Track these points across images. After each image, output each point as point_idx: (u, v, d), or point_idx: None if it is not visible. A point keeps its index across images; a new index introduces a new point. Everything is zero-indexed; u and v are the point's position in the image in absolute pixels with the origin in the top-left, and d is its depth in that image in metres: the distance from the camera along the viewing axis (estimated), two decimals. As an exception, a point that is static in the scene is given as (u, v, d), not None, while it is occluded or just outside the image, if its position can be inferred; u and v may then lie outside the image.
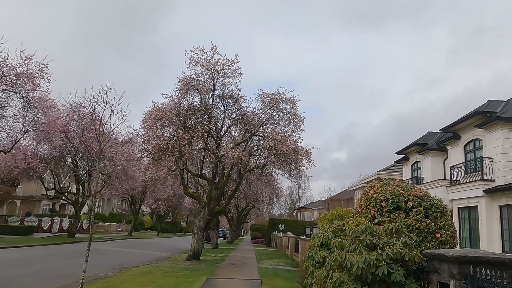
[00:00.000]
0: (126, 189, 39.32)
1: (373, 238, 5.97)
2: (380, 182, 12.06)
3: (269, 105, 18.77)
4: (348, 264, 5.53)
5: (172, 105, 17.06)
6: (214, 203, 18.74)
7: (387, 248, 5.52)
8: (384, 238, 6.03)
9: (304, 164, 17.84)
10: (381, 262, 5.32)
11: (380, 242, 5.84)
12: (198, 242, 18.96)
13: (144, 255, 21.28)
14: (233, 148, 17.05)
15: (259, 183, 26.98)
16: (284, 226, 45.04)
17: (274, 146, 16.69)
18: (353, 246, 6.08)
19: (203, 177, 18.96)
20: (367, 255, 5.45)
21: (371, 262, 5.35)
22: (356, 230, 6.25)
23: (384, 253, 5.39)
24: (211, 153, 17.24)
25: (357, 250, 5.79)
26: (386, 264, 5.33)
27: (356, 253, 5.72)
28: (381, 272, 5.24)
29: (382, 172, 33.17)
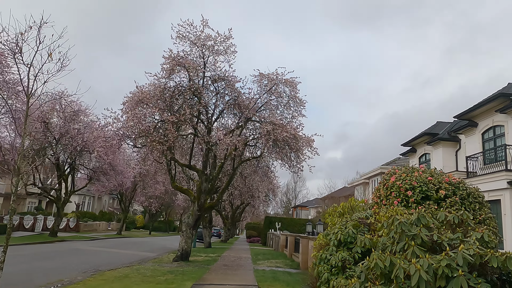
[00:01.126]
0: (115, 185, 37.24)
1: (431, 233, 3.96)
2: (401, 168, 10.08)
3: (266, 87, 16.74)
4: (399, 274, 3.52)
5: (157, 85, 14.96)
6: (205, 197, 16.68)
7: (461, 248, 3.51)
8: (448, 233, 4.02)
9: (305, 153, 15.81)
10: (456, 271, 3.33)
11: (444, 239, 3.84)
12: (187, 241, 16.89)
13: (127, 256, 19.18)
14: (227, 135, 14.98)
15: (255, 176, 24.95)
16: (281, 224, 43.06)
17: (272, 131, 14.63)
18: (399, 245, 4.06)
19: (192, 168, 16.86)
20: (429, 259, 3.45)
21: (438, 270, 3.36)
22: (403, 221, 4.20)
23: (459, 257, 3.38)
24: (200, 139, 15.10)
25: (408, 251, 3.79)
26: (462, 274, 3.33)
27: (407, 256, 3.72)
28: (457, 286, 3.24)
29: (385, 166, 31.25)
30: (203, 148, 15.95)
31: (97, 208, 68.89)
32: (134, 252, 21.67)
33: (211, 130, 15.36)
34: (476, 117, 18.48)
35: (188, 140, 17.86)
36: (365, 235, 5.73)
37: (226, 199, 42.46)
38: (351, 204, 9.92)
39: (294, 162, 16.18)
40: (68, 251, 19.73)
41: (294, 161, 16.17)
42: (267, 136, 14.68)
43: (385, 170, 31.25)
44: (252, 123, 18.95)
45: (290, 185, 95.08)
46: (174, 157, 16.21)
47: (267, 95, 16.82)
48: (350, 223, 6.60)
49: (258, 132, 16.42)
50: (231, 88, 16.32)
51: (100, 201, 72.07)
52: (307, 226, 17.31)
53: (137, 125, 13.62)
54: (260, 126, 16.42)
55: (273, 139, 14.68)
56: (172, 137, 13.67)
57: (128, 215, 68.89)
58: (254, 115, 16.11)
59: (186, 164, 16.83)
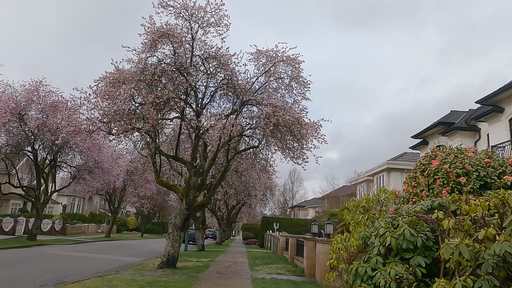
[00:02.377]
0: (102, 184, 34.77)
1: None
2: (443, 148, 7.85)
3: (265, 67, 14.46)
4: None
5: (137, 62, 12.61)
6: (194, 194, 14.34)
7: None
8: None
9: (311, 141, 13.52)
10: None
11: None
12: (174, 245, 14.55)
13: (107, 262, 16.81)
14: (219, 120, 12.65)
15: (252, 172, 22.66)
16: (279, 225, 40.77)
17: (273, 115, 12.33)
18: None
19: (178, 159, 14.49)
20: None
21: None
22: None
23: None
24: (187, 124, 12.69)
25: None
26: None
27: None
28: None
29: (391, 161, 29.09)
30: (191, 135, 13.63)
31: (88, 210, 66.26)
32: (116, 257, 19.28)
33: (200, 114, 12.97)
34: (502, 102, 16.31)
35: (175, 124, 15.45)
36: (460, 238, 3.46)
37: (221, 198, 40.15)
38: (378, 196, 7.67)
39: (298, 152, 13.86)
40: (39, 257, 17.32)
41: (297, 151, 13.86)
42: (267, 120, 12.37)
43: (392, 166, 29.10)
44: (248, 110, 16.68)
45: (287, 185, 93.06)
46: (158, 147, 13.86)
47: (265, 77, 14.52)
48: (404, 221, 4.29)
49: (257, 116, 14.11)
50: (225, 68, 14.00)
51: (91, 202, 69.44)
52: (313, 226, 15.04)
53: (111, 106, 11.32)
54: (258, 111, 14.13)
55: (273, 123, 12.36)
56: (152, 120, 11.30)
57: (120, 217, 66.44)
58: (250, 98, 13.80)
59: (171, 155, 14.49)
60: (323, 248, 12.24)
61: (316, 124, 13.30)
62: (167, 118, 13.30)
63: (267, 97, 13.58)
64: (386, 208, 7.83)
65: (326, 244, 12.24)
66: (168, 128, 17.16)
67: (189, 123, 12.30)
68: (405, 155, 30.37)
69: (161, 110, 12.73)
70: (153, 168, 15.80)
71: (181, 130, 14.02)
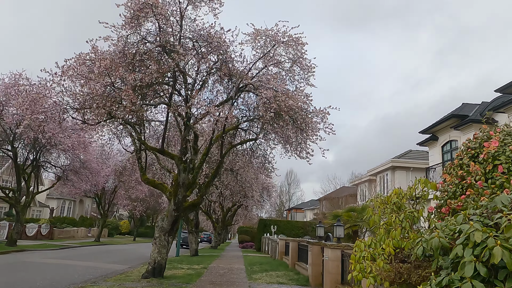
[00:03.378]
0: (90, 186, 32.88)
1: None
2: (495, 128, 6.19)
3: (263, 49, 12.77)
4: None
5: (116, 40, 10.86)
6: (184, 193, 12.57)
7: None
8: None
9: (316, 131, 11.80)
10: None
11: None
12: (161, 251, 12.77)
13: (87, 270, 14.99)
14: (214, 108, 10.87)
15: (249, 170, 20.90)
16: (277, 227, 38.98)
17: (274, 99, 10.61)
18: None
19: (164, 153, 12.68)
20: None
21: None
22: None
23: None
24: (174, 111, 10.85)
25: None
26: None
27: None
28: None
29: (396, 159, 27.49)
30: (180, 125, 11.88)
31: (79, 213, 64.16)
32: (99, 265, 17.44)
33: (189, 99, 11.16)
34: (526, 89, 14.73)
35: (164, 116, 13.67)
36: None
37: (216, 200, 38.36)
38: (412, 190, 5.98)
39: (302, 144, 12.12)
40: (10, 266, 15.46)
41: (302, 143, 12.11)
42: (267, 105, 10.64)
43: (397, 164, 27.50)
44: (244, 101, 14.98)
45: (283, 186, 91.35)
46: (141, 139, 12.08)
47: (263, 61, 12.81)
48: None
49: (254, 105, 12.42)
50: (218, 51, 12.25)
51: (82, 205, 67.33)
52: (318, 228, 13.33)
53: (82, 87, 9.57)
54: (256, 98, 12.43)
55: (274, 109, 10.63)
56: (130, 104, 9.51)
57: (112, 220, 64.35)
58: (248, 84, 12.06)
59: (157, 148, 12.71)
60: (332, 254, 10.53)
61: (323, 111, 11.59)
62: (150, 103, 11.49)
63: (266, 82, 11.85)
64: (423, 205, 6.15)
65: (336, 249, 10.53)
66: (156, 122, 15.41)
67: (176, 110, 10.52)
68: (410, 153, 28.81)
69: (144, 96, 10.96)
70: (138, 165, 14.06)
71: (168, 119, 12.24)
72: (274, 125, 12.98)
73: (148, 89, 11.17)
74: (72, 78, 9.47)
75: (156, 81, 10.50)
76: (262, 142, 16.23)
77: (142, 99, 10.88)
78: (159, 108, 15.11)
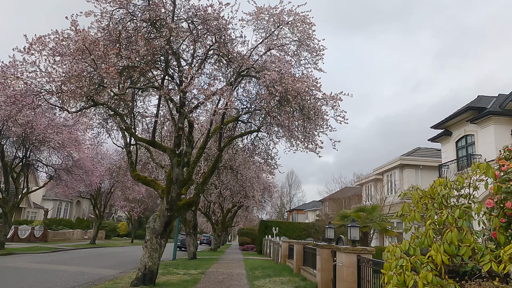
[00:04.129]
0: (84, 186, 31.52)
1: None
2: None
3: (266, 31, 11.45)
4: None
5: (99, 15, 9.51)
6: (178, 190, 11.20)
7: None
8: None
9: (329, 118, 10.45)
10: None
11: None
12: (152, 256, 11.39)
13: (73, 277, 13.62)
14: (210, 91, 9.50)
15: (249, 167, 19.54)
16: (278, 229, 37.57)
17: (279, 81, 9.25)
18: None
19: (156, 145, 11.27)
20: None
21: None
22: None
23: None
24: (165, 95, 9.42)
25: None
26: None
27: None
28: None
29: (405, 157, 26.14)
30: (173, 113, 10.51)
31: (76, 215, 62.84)
32: (88, 270, 16.07)
33: (183, 82, 9.75)
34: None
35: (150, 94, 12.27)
36: None
37: (216, 201, 36.98)
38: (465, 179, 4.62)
39: (311, 135, 10.75)
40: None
41: (310, 133, 10.75)
42: (271, 88, 9.27)
43: (406, 162, 26.12)
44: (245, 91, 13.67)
45: (284, 188, 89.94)
46: (129, 128, 10.69)
47: (266, 44, 11.46)
48: None
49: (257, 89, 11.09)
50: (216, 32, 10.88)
51: (79, 206, 66.02)
52: (328, 230, 11.97)
53: (59, 66, 8.23)
54: (259, 82, 11.07)
55: (280, 93, 9.26)
56: (112, 84, 8.10)
57: (110, 222, 62.92)
58: (250, 67, 10.70)
59: (147, 140, 11.34)
60: (347, 259, 9.16)
61: (335, 97, 10.22)
62: (137, 87, 10.08)
63: (270, 64, 10.48)
64: (474, 199, 4.78)
65: (352, 253, 9.16)
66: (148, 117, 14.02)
67: (167, 93, 9.12)
68: (419, 151, 27.47)
69: (132, 80, 9.59)
70: (128, 160, 12.70)
71: (159, 106, 10.85)
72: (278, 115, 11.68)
73: (135, 71, 9.80)
74: (46, 56, 8.11)
75: (145, 63, 9.14)
76: (264, 136, 14.93)
77: (131, 82, 9.51)
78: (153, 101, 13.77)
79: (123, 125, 10.51)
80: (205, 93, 9.36)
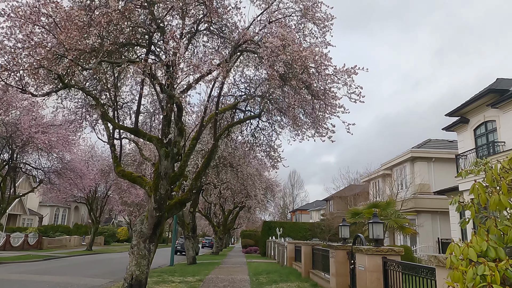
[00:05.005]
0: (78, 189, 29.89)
1: None
2: None
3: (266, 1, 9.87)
4: None
5: None
6: (168, 186, 9.62)
7: None
8: None
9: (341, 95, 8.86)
10: None
11: None
12: (140, 263, 9.80)
13: (54, 289, 12.05)
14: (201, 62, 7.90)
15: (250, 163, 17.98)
16: (283, 230, 35.96)
17: (282, 48, 7.66)
18: None
19: (139, 134, 9.62)
20: None
21: None
22: None
23: None
24: (143, 68, 7.71)
25: None
26: None
27: None
28: None
29: (416, 149, 24.56)
30: (159, 94, 8.91)
31: (74, 221, 61.28)
32: (75, 280, 14.48)
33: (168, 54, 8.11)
34: None
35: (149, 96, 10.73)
36: None
37: (217, 202, 35.41)
38: None
39: (321, 116, 9.16)
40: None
41: (320, 113, 9.16)
42: (273, 57, 7.66)
43: (417, 155, 24.50)
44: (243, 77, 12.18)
45: (286, 188, 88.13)
46: (105, 114, 9.08)
47: (267, 15, 9.88)
48: None
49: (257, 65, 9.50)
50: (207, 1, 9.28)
51: (77, 212, 64.47)
52: (342, 228, 10.36)
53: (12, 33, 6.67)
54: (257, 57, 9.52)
55: (284, 62, 7.67)
56: (71, 46, 6.46)
57: (109, 227, 61.26)
58: (248, 40, 9.11)
59: (129, 128, 9.75)
60: (370, 262, 7.57)
61: (349, 70, 8.62)
62: (111, 61, 8.43)
63: (271, 35, 8.87)
64: None
65: (376, 255, 7.57)
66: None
67: (147, 67, 7.48)
68: (430, 142, 25.87)
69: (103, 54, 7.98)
70: (111, 154, 11.13)
71: (143, 86, 9.24)
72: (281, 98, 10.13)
73: (114, 47, 8.22)
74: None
75: (123, 36, 7.55)
76: (266, 127, 13.37)
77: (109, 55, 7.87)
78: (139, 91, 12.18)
79: (99, 109, 8.91)
80: (195, 68, 7.77)
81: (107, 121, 9.51)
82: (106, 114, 9.10)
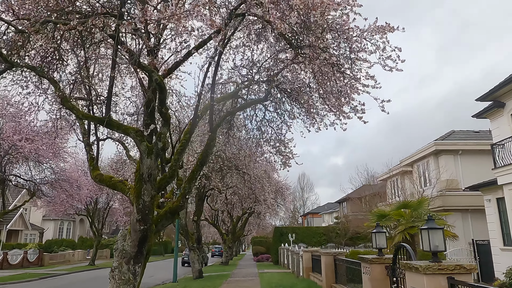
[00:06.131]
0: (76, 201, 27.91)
1: None
2: None
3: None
4: None
5: None
6: (153, 192, 7.53)
7: None
8: None
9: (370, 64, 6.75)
10: None
11: None
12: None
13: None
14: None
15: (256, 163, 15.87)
16: (295, 236, 33.68)
17: None
18: None
19: (112, 125, 7.41)
20: None
21: None
22: None
23: None
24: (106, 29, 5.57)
25: None
26: None
27: None
28: None
29: (440, 141, 22.29)
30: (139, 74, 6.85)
31: (80, 234, 59.49)
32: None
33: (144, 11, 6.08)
34: None
35: None
36: None
37: (224, 209, 33.28)
38: None
39: (347, 88, 7.05)
40: None
41: (347, 86, 7.04)
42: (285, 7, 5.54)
43: (441, 148, 22.15)
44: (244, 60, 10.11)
45: (296, 191, 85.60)
46: (64, 97, 6.96)
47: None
48: None
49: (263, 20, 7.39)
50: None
51: (83, 225, 62.58)
52: (376, 235, 8.10)
53: None
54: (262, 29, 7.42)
55: (298, 11, 5.58)
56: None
57: (114, 239, 59.44)
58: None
59: (98, 117, 7.65)
60: (431, 284, 5.39)
61: (383, 27, 6.50)
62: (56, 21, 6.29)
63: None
64: None
65: (438, 275, 5.39)
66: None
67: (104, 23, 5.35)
68: (454, 134, 23.56)
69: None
70: (87, 155, 9.09)
71: (115, 61, 7.10)
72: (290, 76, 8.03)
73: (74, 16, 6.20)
74: None
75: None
76: (274, 118, 11.32)
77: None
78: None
79: (57, 92, 6.85)
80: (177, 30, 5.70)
81: (69, 109, 7.43)
82: (67, 100, 7.03)
